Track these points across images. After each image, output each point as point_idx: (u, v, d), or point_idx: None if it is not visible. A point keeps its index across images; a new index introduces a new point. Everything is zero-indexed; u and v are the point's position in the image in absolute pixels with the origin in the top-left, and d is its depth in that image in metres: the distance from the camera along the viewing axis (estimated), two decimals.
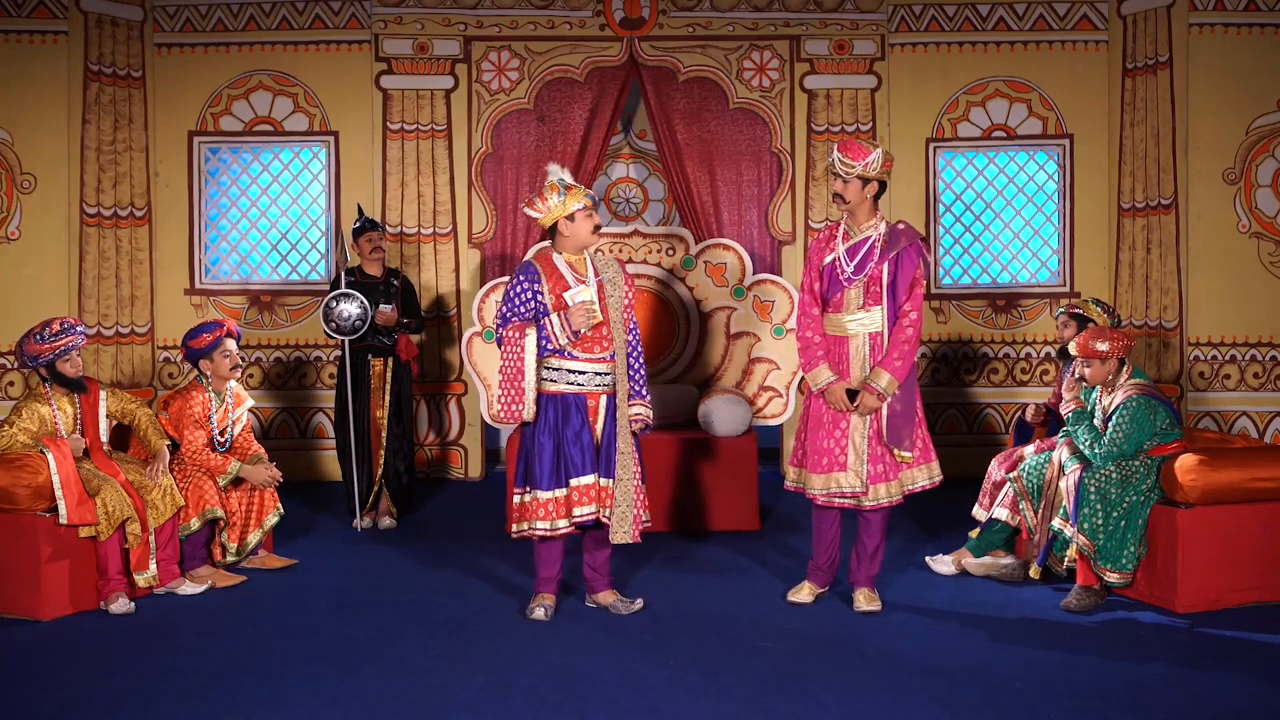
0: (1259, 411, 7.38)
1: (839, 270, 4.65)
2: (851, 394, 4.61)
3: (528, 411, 4.50)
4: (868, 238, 4.66)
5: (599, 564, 4.80)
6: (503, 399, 4.51)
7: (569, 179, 4.67)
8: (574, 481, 4.53)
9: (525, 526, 4.58)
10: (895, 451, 4.63)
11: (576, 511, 4.52)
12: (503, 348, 4.53)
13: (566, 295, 4.53)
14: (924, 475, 4.73)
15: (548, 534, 4.55)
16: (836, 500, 4.66)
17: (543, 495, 4.52)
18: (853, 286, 4.64)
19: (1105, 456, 4.83)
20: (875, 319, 4.63)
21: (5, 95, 7.23)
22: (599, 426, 4.62)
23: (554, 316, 4.50)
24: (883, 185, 4.70)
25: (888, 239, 4.64)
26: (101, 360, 7.45)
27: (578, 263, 4.67)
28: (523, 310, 4.56)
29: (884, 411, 4.61)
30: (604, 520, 4.56)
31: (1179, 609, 4.67)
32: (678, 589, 5.12)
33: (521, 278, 4.58)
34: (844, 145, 4.63)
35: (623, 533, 4.57)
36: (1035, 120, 7.86)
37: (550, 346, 4.51)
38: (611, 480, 4.56)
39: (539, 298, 4.57)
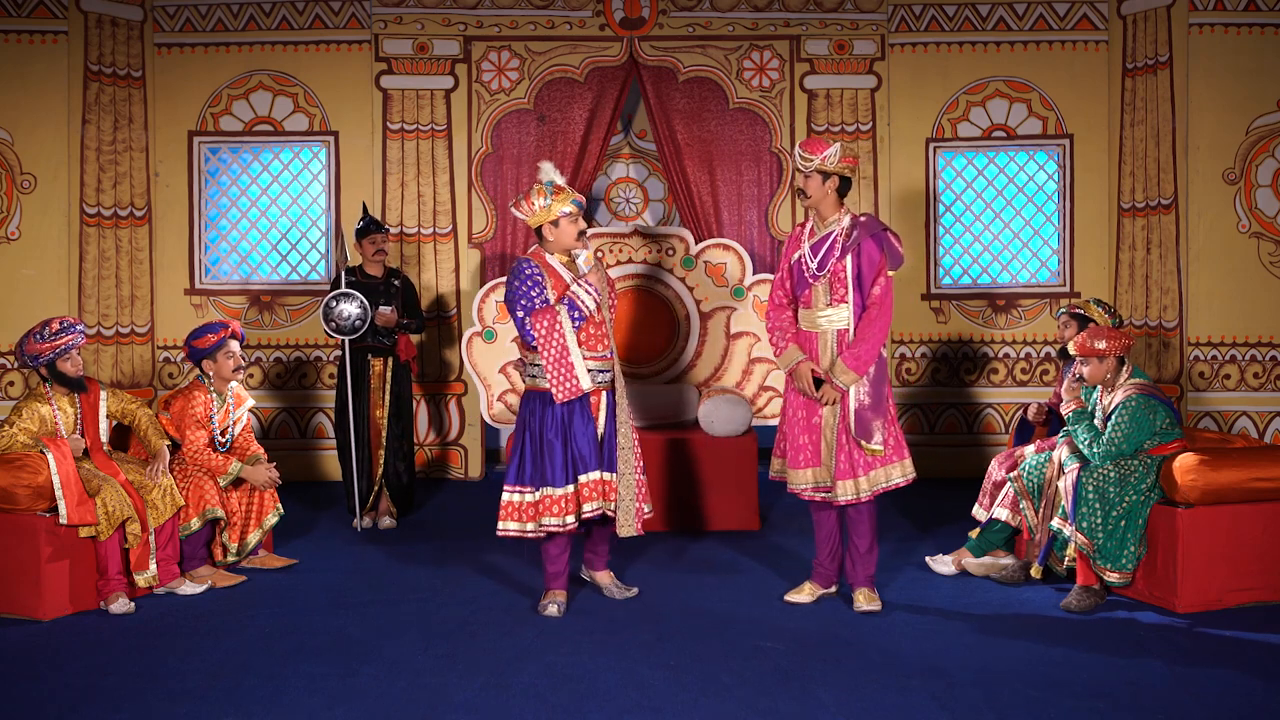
0: (1259, 411, 7.38)
1: (804, 267, 4.71)
2: (818, 384, 4.67)
3: (584, 381, 4.58)
4: (831, 233, 4.70)
5: (598, 543, 5.00)
6: (555, 381, 4.57)
7: (559, 180, 4.72)
8: (582, 478, 4.63)
9: (529, 527, 4.64)
10: (864, 445, 4.62)
11: (586, 507, 4.62)
12: (538, 337, 4.57)
13: (578, 262, 4.65)
14: (898, 472, 4.70)
15: (558, 530, 4.62)
16: (812, 494, 4.72)
17: (556, 492, 4.60)
18: (819, 283, 4.68)
19: (1104, 456, 4.83)
20: (843, 317, 4.66)
21: (5, 95, 7.24)
22: (600, 422, 4.72)
23: (574, 287, 4.62)
24: (845, 181, 4.72)
25: (849, 233, 4.67)
26: (101, 360, 7.45)
27: (568, 264, 4.77)
28: (538, 299, 4.63)
29: (850, 404, 4.62)
30: (609, 514, 4.68)
31: (1179, 609, 4.67)
32: (677, 589, 5.12)
33: (527, 270, 4.65)
34: (805, 142, 4.71)
35: (628, 526, 4.64)
36: (1035, 120, 7.86)
37: (581, 316, 4.60)
38: (614, 474, 4.67)
39: (545, 290, 4.65)
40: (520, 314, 4.62)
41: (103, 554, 4.84)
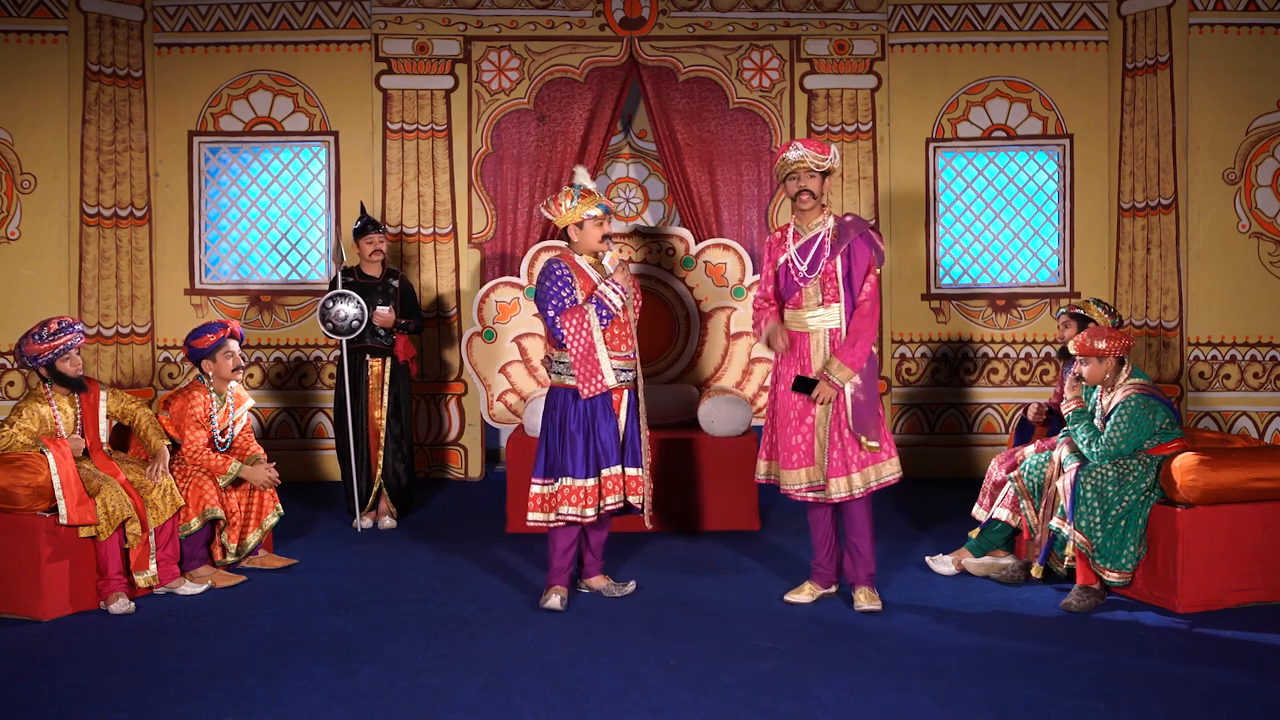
0: (1259, 411, 7.37)
1: (793, 270, 4.73)
2: (812, 384, 4.65)
3: (609, 378, 4.73)
4: (817, 234, 4.73)
5: (595, 547, 5.03)
6: (581, 377, 4.72)
7: (588, 184, 4.90)
8: (605, 471, 4.76)
9: (543, 517, 4.78)
10: (863, 441, 4.63)
11: (608, 500, 4.77)
12: (567, 335, 4.71)
13: (604, 262, 4.84)
14: (889, 469, 4.73)
15: (575, 520, 4.72)
16: (806, 493, 4.72)
17: (574, 483, 4.72)
18: (809, 284, 4.71)
19: (1102, 455, 4.83)
20: (834, 316, 4.69)
21: (5, 95, 7.24)
22: (622, 419, 4.85)
23: (602, 286, 4.77)
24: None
25: (837, 233, 4.70)
26: (101, 360, 7.45)
27: (596, 265, 4.91)
28: (568, 298, 4.77)
29: (847, 400, 4.63)
30: (635, 506, 4.83)
31: (1179, 609, 4.67)
32: (677, 589, 5.13)
33: (558, 271, 4.81)
34: (808, 143, 4.73)
35: (647, 518, 4.88)
36: (1035, 120, 7.86)
37: (609, 314, 4.74)
38: (638, 469, 4.84)
39: (575, 290, 4.79)
40: (551, 313, 4.76)
41: (103, 554, 4.84)
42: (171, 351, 7.78)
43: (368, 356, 6.39)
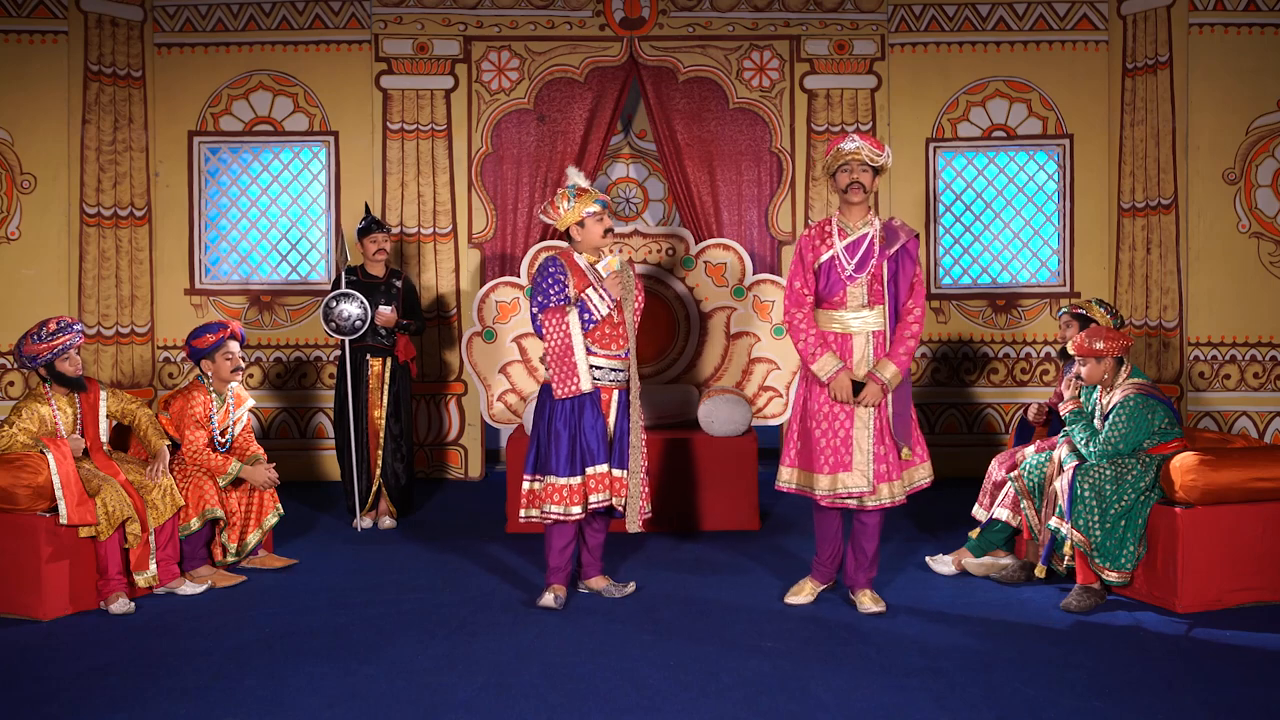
0: (1259, 411, 7.37)
1: (838, 268, 4.63)
2: (858, 385, 4.57)
3: (584, 382, 4.71)
4: (866, 234, 4.65)
5: (594, 548, 5.01)
6: (556, 378, 4.73)
7: (583, 183, 4.89)
8: (589, 470, 4.74)
9: (536, 514, 4.79)
10: (901, 452, 4.63)
11: (592, 499, 4.74)
12: (545, 333, 4.73)
13: (599, 267, 4.82)
14: (924, 472, 4.74)
15: (560, 518, 4.72)
16: (840, 501, 4.64)
17: (559, 481, 4.71)
18: (855, 285, 4.62)
19: (1100, 455, 4.83)
20: (879, 318, 4.63)
21: (5, 95, 7.24)
22: (611, 419, 4.83)
23: (590, 291, 4.75)
24: None
25: (885, 236, 4.65)
26: (101, 360, 7.45)
27: (596, 264, 4.89)
28: (556, 296, 4.77)
29: (888, 408, 4.60)
30: (618, 508, 4.80)
31: (1179, 609, 4.67)
32: (677, 588, 5.12)
33: (552, 269, 4.79)
34: (865, 137, 4.64)
35: (633, 522, 4.79)
36: (1035, 120, 7.86)
37: (592, 319, 4.73)
38: (625, 471, 4.79)
39: (566, 290, 4.77)
40: (534, 309, 4.78)
41: (103, 554, 4.84)
42: (171, 351, 7.78)
43: (368, 356, 6.39)
